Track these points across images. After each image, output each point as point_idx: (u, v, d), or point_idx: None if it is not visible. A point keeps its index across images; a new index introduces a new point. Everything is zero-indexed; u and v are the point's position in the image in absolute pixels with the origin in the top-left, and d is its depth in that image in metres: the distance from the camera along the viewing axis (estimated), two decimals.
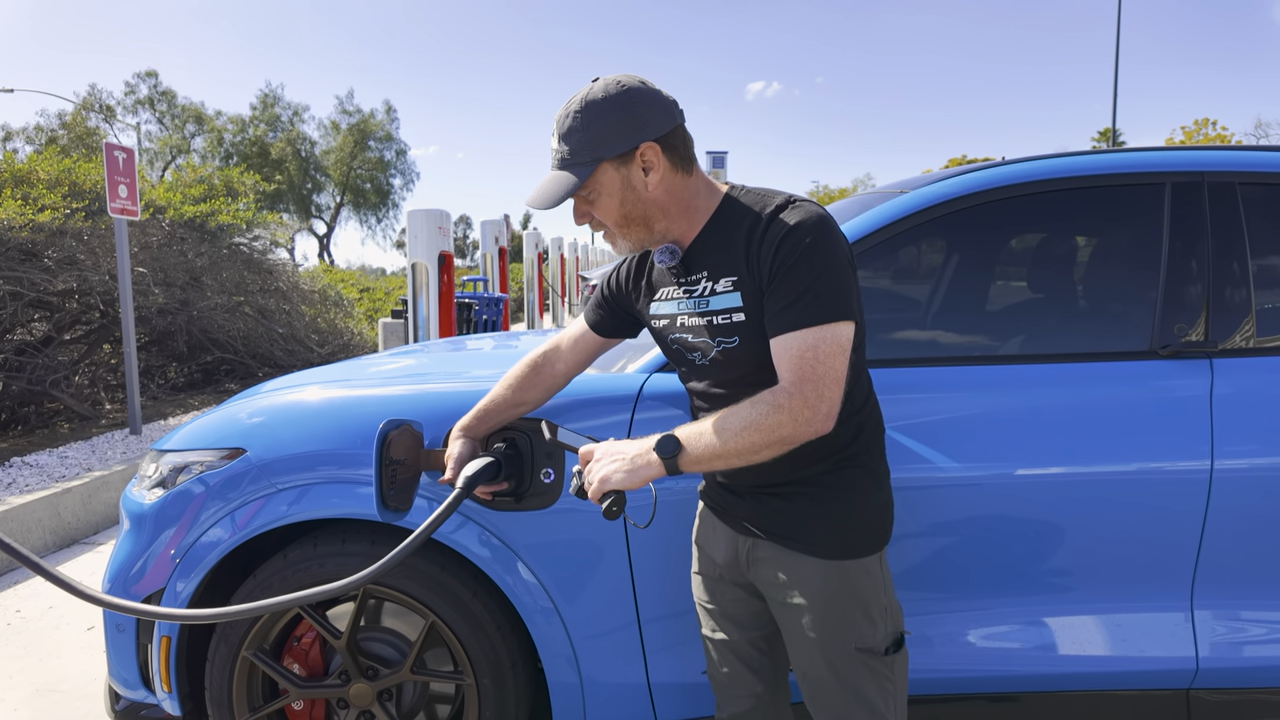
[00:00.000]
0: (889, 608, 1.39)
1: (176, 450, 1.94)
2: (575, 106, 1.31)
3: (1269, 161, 1.87)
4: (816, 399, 1.21)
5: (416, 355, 2.53)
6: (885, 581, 1.40)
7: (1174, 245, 1.82)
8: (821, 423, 1.22)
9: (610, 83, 1.31)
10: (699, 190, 1.38)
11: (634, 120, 1.30)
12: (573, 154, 1.31)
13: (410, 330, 5.84)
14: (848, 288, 1.27)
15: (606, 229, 1.38)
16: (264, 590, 1.80)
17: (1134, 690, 1.78)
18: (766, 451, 1.24)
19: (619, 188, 1.32)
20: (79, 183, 6.56)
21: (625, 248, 1.40)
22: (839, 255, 1.27)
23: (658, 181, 1.33)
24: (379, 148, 40.16)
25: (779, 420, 1.21)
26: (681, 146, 1.35)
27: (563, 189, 1.31)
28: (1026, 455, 1.73)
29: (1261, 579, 1.76)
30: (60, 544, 4.09)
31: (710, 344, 1.37)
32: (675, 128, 1.33)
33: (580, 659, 1.79)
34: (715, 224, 1.37)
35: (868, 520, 1.38)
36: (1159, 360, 1.78)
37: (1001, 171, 1.91)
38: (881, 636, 1.37)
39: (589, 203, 1.35)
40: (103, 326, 6.83)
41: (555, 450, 1.74)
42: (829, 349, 1.22)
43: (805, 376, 1.22)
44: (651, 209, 1.35)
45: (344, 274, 14.31)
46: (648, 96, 1.31)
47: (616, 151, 1.30)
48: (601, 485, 1.29)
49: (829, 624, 1.36)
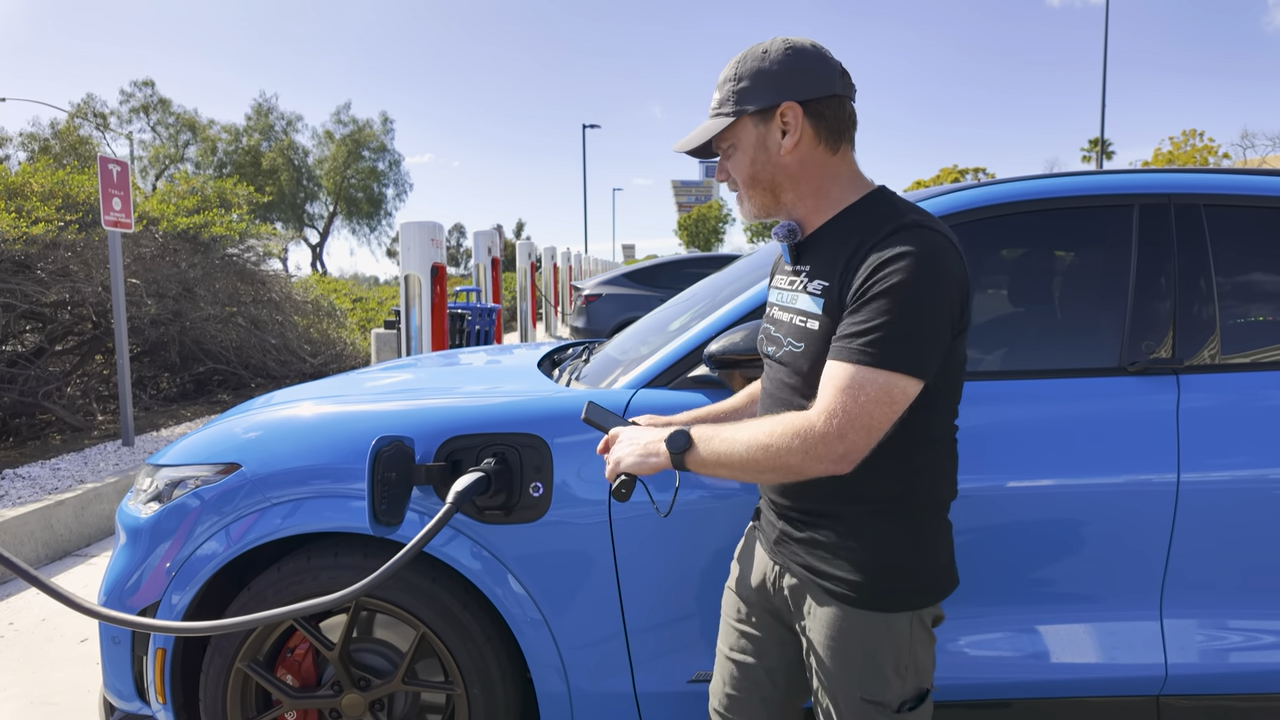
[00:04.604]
0: (913, 666, 1.28)
1: (172, 465, 1.98)
2: (739, 56, 1.30)
3: (1232, 184, 1.94)
4: (836, 439, 1.13)
5: (409, 370, 2.57)
6: (914, 640, 1.28)
7: (1142, 265, 1.88)
8: (833, 464, 1.15)
9: (779, 40, 1.29)
10: (839, 176, 1.29)
11: (784, 78, 1.25)
12: (720, 104, 1.31)
13: (403, 341, 5.87)
14: (926, 341, 1.15)
15: (738, 189, 1.34)
16: (258, 603, 1.83)
17: (1105, 697, 1.83)
18: (771, 475, 1.19)
19: (753, 145, 1.28)
20: (73, 195, 6.59)
21: (747, 210, 1.34)
22: (932, 303, 1.15)
23: (792, 146, 1.26)
24: (373, 158, 40.22)
25: (790, 447, 1.15)
26: (833, 119, 1.27)
27: (702, 135, 1.32)
28: (998, 469, 1.78)
29: (1227, 588, 1.81)
30: (53, 556, 4.10)
31: (783, 341, 1.32)
32: (830, 96, 1.26)
33: (568, 669, 1.83)
34: (841, 220, 1.28)
35: (899, 574, 1.27)
36: (1127, 377, 1.84)
37: (976, 193, 1.97)
38: (896, 693, 1.27)
39: (727, 156, 1.33)
40: (95, 337, 6.84)
41: (544, 464, 1.78)
42: (872, 396, 1.13)
43: (834, 412, 1.14)
44: (780, 175, 1.28)
45: (337, 283, 14.31)
46: (809, 59, 1.26)
47: (758, 105, 1.26)
48: (615, 467, 1.32)
49: (838, 669, 1.29)
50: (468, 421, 1.82)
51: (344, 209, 40.58)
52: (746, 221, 1.41)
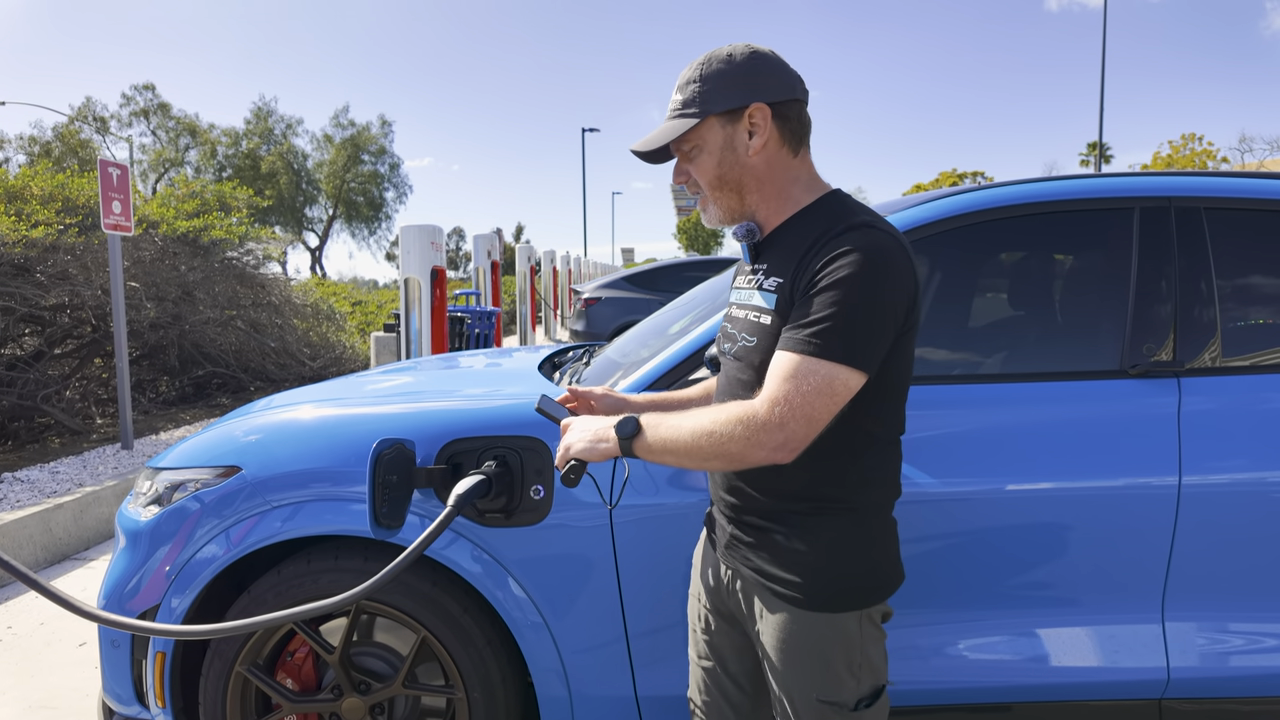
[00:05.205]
0: (865, 664, 1.30)
1: (172, 468, 1.98)
2: (700, 60, 1.31)
3: (1232, 187, 1.94)
4: (777, 427, 1.15)
5: (409, 373, 2.57)
6: (864, 639, 1.30)
7: (1143, 268, 1.88)
8: (772, 451, 1.16)
9: (740, 45, 1.31)
10: (799, 178, 1.32)
11: (751, 80, 1.27)
12: (684, 105, 1.30)
13: (402, 344, 5.87)
14: (871, 335, 1.18)
15: (700, 193, 1.35)
16: (258, 606, 1.83)
17: (1108, 700, 1.83)
18: (715, 462, 1.21)
19: (720, 146, 1.29)
20: (72, 198, 6.59)
21: (714, 215, 1.35)
22: (879, 299, 1.17)
23: (760, 147, 1.28)
24: (372, 161, 40.28)
25: (733, 434, 1.17)
26: (795, 122, 1.30)
27: (664, 135, 1.31)
28: (1000, 472, 1.78)
29: (1229, 591, 1.81)
30: (52, 559, 4.09)
31: (737, 337, 1.34)
32: (792, 100, 1.30)
33: (569, 673, 1.83)
34: (798, 221, 1.31)
35: (845, 575, 1.28)
36: (1129, 379, 1.84)
37: (978, 196, 1.97)
38: (851, 692, 1.28)
39: (689, 159, 1.33)
40: (94, 340, 6.84)
41: (545, 467, 1.78)
42: (815, 386, 1.15)
43: (777, 399, 1.16)
44: (747, 176, 1.31)
45: (336, 287, 14.32)
46: (772, 64, 1.30)
47: (725, 106, 1.27)
48: (565, 453, 1.32)
49: (791, 671, 1.30)
50: (469, 424, 1.82)
51: (343, 212, 40.62)
52: (712, 227, 1.43)
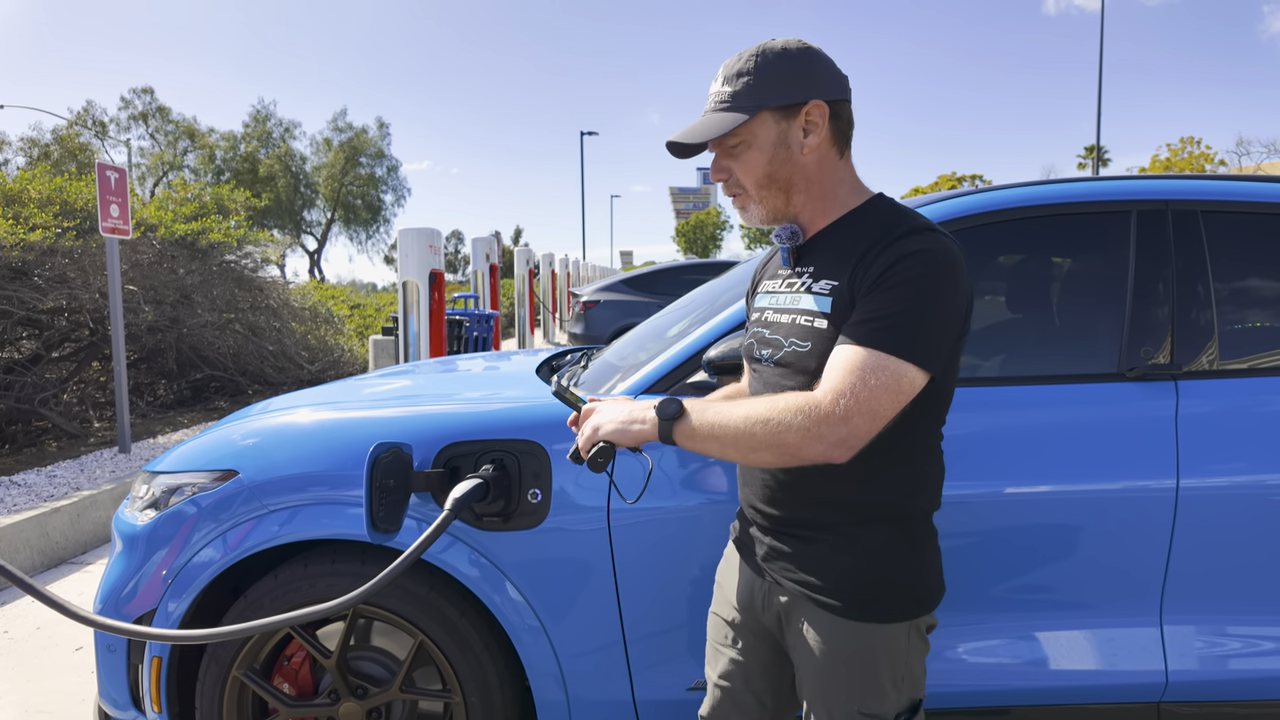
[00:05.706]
0: (909, 677, 1.26)
1: (169, 472, 1.97)
2: (751, 51, 1.24)
3: (1229, 190, 1.94)
4: (841, 420, 1.09)
5: (407, 376, 2.57)
6: (910, 651, 1.26)
7: (1140, 271, 1.89)
8: (832, 446, 1.10)
9: (792, 39, 1.26)
10: (844, 180, 1.29)
11: (810, 75, 1.23)
12: (734, 96, 1.23)
13: (401, 348, 5.87)
14: (938, 338, 1.15)
15: (741, 192, 1.28)
16: (255, 610, 1.83)
17: (1106, 704, 1.82)
18: (765, 454, 1.14)
19: (772, 143, 1.24)
20: (70, 202, 6.58)
21: (756, 214, 1.29)
22: (947, 302, 1.15)
23: (815, 146, 1.24)
24: (370, 164, 40.31)
25: (791, 423, 1.10)
26: (845, 122, 1.27)
27: (715, 127, 1.22)
28: (998, 475, 1.78)
29: (1227, 594, 1.81)
30: (49, 564, 4.08)
31: (783, 343, 1.28)
32: (845, 99, 1.26)
33: (567, 677, 1.82)
34: (845, 223, 1.27)
35: (895, 584, 1.25)
36: (1126, 382, 1.84)
37: (975, 199, 1.97)
38: (892, 704, 1.25)
39: (732, 155, 1.26)
40: (91, 344, 6.83)
41: (542, 471, 1.78)
42: (882, 381, 1.10)
43: (843, 392, 1.10)
44: (798, 175, 1.25)
45: (334, 290, 14.31)
46: (826, 60, 1.25)
47: (782, 101, 1.22)
48: (592, 435, 1.24)
49: (835, 684, 1.26)
50: (466, 428, 1.82)
51: (342, 215, 40.62)
52: (751, 226, 1.36)
